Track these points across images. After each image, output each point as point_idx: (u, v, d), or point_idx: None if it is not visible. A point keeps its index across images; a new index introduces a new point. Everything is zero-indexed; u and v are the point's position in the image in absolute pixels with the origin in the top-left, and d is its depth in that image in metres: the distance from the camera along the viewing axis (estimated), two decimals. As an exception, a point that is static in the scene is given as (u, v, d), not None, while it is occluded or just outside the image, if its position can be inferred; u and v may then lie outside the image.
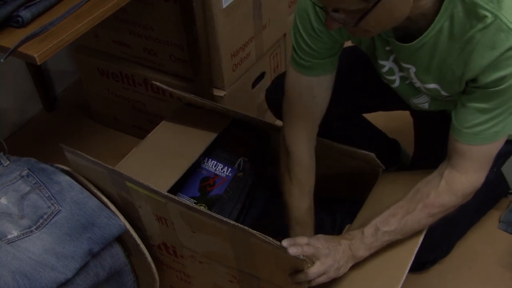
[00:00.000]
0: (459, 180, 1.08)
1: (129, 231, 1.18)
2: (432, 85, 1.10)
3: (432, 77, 1.08)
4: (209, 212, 1.05)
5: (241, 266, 1.12)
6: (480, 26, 0.92)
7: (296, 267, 1.01)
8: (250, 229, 0.99)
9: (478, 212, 1.49)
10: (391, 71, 1.16)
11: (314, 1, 0.95)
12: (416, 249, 1.10)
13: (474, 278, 1.48)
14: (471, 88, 1.01)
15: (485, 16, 0.91)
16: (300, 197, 1.26)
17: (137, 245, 1.19)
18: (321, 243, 1.06)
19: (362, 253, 1.08)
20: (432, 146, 1.37)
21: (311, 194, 1.27)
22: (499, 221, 1.58)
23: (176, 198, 1.09)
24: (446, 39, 0.99)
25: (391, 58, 1.13)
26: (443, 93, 1.10)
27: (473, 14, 0.93)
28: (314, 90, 1.18)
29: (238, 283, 1.17)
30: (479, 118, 1.01)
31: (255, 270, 1.10)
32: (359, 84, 1.37)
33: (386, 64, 1.15)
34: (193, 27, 1.44)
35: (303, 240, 1.05)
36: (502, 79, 0.95)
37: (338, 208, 1.39)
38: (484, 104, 1.00)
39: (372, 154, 1.22)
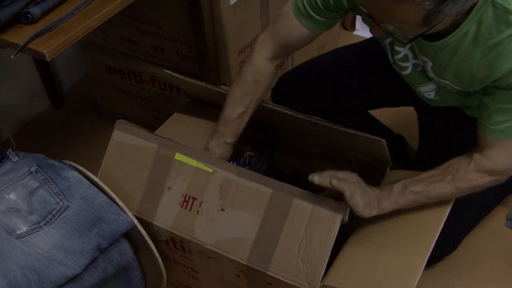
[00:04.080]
0: (487, 166, 1.10)
1: (136, 227, 1.18)
2: (446, 81, 1.12)
3: (448, 74, 1.10)
4: (257, 174, 1.08)
5: (253, 257, 1.11)
6: (508, 32, 0.94)
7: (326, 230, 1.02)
8: (295, 187, 1.04)
9: (485, 206, 1.49)
10: (405, 58, 1.17)
11: (366, 10, 0.94)
12: (442, 223, 1.13)
13: (480, 275, 1.48)
14: (492, 88, 1.03)
15: None
16: (239, 101, 1.25)
17: (145, 241, 1.20)
18: (352, 176, 1.09)
19: (387, 206, 1.11)
20: (437, 139, 1.38)
21: (251, 107, 1.26)
22: (506, 219, 1.58)
23: (228, 165, 1.12)
24: (469, 43, 1.00)
25: (408, 45, 1.14)
26: (456, 87, 1.12)
27: (503, 20, 0.94)
28: (299, 36, 1.20)
29: (246, 278, 1.17)
30: (503, 117, 1.04)
31: (269, 256, 1.10)
32: (366, 81, 1.38)
33: (402, 51, 1.16)
34: (200, 24, 1.44)
35: (331, 173, 1.07)
36: None
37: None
38: (506, 104, 1.02)
39: (383, 140, 1.22)
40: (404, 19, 0.86)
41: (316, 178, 1.03)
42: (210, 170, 1.12)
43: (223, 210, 1.12)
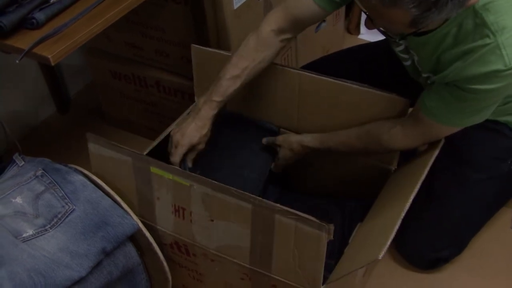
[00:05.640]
0: (396, 141, 1.23)
1: (141, 230, 1.19)
2: (427, 74, 1.20)
3: (429, 68, 1.17)
4: (233, 189, 1.05)
5: (254, 261, 1.12)
6: (480, 42, 1.02)
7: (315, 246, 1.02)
8: (275, 204, 1.01)
9: (491, 207, 1.49)
10: (406, 50, 1.24)
11: (363, 9, 0.99)
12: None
13: (486, 277, 1.47)
14: (451, 82, 1.10)
15: (487, 36, 1.01)
16: (235, 63, 1.28)
17: (150, 244, 1.20)
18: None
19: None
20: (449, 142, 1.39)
21: (246, 73, 1.28)
22: (512, 221, 1.58)
23: (202, 178, 1.09)
24: (449, 43, 1.08)
25: (408, 38, 1.19)
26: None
27: (479, 30, 1.02)
28: (309, 12, 1.25)
29: (250, 281, 1.17)
30: (442, 102, 1.12)
31: (268, 262, 1.10)
32: (380, 75, 1.43)
33: (403, 43, 1.23)
34: (204, 29, 1.45)
35: None
36: (477, 91, 1.05)
37: (346, 204, 1.40)
38: (452, 98, 1.10)
39: (407, 100, 1.25)
40: (394, 20, 0.93)
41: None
42: (187, 184, 1.11)
43: (212, 220, 1.12)
